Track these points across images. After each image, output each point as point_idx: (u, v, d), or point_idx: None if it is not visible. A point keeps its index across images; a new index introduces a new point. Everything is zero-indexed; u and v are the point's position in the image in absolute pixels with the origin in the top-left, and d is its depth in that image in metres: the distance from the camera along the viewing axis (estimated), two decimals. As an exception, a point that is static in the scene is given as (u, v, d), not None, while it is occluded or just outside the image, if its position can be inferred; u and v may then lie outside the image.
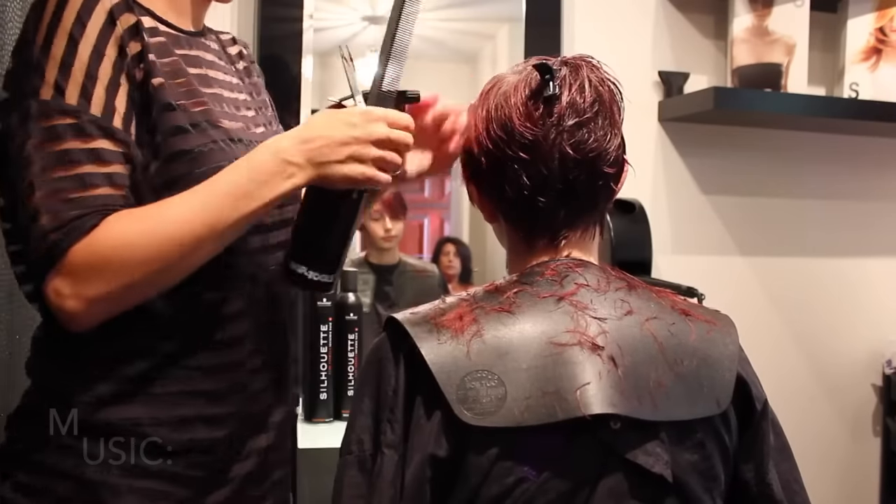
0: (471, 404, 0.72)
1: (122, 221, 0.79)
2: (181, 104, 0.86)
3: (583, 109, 0.81)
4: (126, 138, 0.81)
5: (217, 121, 0.90)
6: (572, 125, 0.80)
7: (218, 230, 0.80)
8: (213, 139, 0.87)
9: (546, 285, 0.79)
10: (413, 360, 0.76)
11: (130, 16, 0.84)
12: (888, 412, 2.11)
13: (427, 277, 1.96)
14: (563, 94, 0.81)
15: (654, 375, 0.75)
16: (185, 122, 0.85)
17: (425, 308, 0.81)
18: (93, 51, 0.80)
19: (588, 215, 0.85)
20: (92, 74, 0.79)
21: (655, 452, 0.73)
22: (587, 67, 0.84)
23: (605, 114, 0.82)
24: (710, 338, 0.80)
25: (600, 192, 0.84)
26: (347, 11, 1.86)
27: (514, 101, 0.82)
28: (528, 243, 0.85)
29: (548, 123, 0.80)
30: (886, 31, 1.99)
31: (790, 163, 2.08)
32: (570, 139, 0.80)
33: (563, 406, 0.71)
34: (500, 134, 0.82)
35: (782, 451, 0.85)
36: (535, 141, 0.80)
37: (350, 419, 0.81)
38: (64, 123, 0.78)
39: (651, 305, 0.80)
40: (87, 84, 0.79)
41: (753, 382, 0.83)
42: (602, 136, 0.81)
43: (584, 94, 0.81)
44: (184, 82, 0.88)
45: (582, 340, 0.74)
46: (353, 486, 0.77)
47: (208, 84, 0.94)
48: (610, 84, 0.84)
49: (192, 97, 0.88)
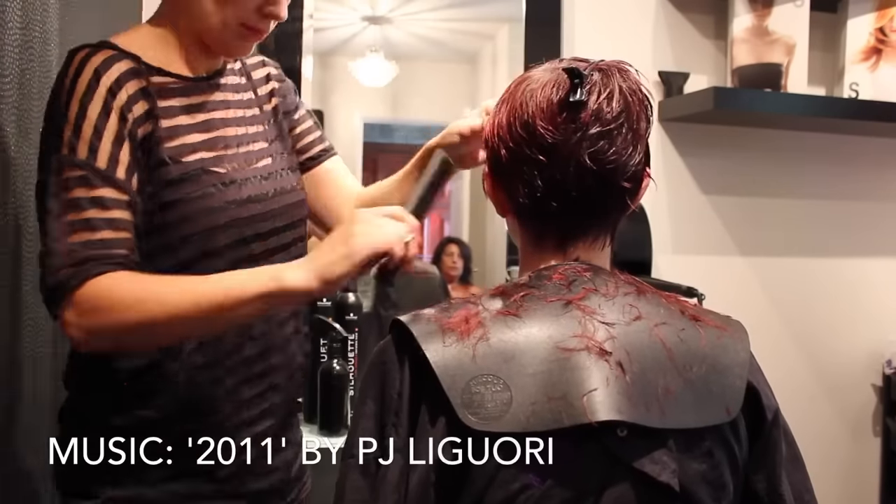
0: (476, 409, 0.71)
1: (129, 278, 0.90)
2: (178, 157, 0.97)
3: (608, 119, 0.78)
4: (127, 187, 0.92)
5: (212, 167, 0.99)
6: (594, 134, 0.78)
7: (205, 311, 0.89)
8: (205, 185, 0.98)
9: (554, 289, 0.78)
10: (418, 363, 0.75)
11: (137, 81, 0.95)
12: (888, 412, 2.11)
13: (428, 279, 1.96)
14: (590, 101, 0.78)
15: (662, 382, 0.73)
16: (176, 175, 0.96)
17: (431, 310, 0.79)
18: (100, 112, 0.92)
19: (599, 225, 0.83)
20: (98, 132, 0.91)
21: (662, 461, 0.72)
22: (620, 75, 0.80)
23: (630, 126, 0.79)
24: (720, 344, 0.78)
25: (614, 204, 0.82)
26: (347, 11, 1.86)
27: (539, 101, 0.79)
28: (537, 244, 0.84)
29: (570, 129, 0.78)
30: (886, 31, 1.99)
31: (790, 163, 2.08)
32: (589, 148, 0.77)
33: (569, 412, 0.70)
34: (521, 132, 0.80)
35: (794, 461, 0.83)
36: (554, 145, 0.78)
37: (353, 422, 0.80)
38: (74, 175, 0.90)
39: (660, 311, 0.78)
40: (94, 141, 0.91)
41: (764, 391, 0.81)
42: (623, 149, 0.78)
43: (612, 103, 0.78)
44: (184, 134, 0.98)
45: (589, 346, 0.73)
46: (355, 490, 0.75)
47: (213, 128, 1.02)
48: (641, 95, 0.81)
49: (191, 147, 0.99)
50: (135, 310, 0.88)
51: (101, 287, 0.88)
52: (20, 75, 1.06)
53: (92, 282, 0.87)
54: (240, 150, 1.04)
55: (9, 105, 1.04)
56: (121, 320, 0.88)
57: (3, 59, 1.01)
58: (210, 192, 0.98)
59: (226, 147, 1.02)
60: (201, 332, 0.96)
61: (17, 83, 1.05)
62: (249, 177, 1.03)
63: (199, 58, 1.03)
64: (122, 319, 0.88)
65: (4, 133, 1.03)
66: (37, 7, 1.10)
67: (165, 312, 0.88)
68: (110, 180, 0.91)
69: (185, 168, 0.97)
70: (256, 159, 1.06)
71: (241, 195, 1.00)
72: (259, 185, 1.03)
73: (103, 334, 0.89)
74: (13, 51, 1.04)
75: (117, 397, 0.98)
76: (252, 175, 1.03)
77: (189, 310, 0.88)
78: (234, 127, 1.05)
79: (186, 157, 0.97)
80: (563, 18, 1.90)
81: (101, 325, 0.88)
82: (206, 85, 1.04)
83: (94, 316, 0.88)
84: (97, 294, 0.88)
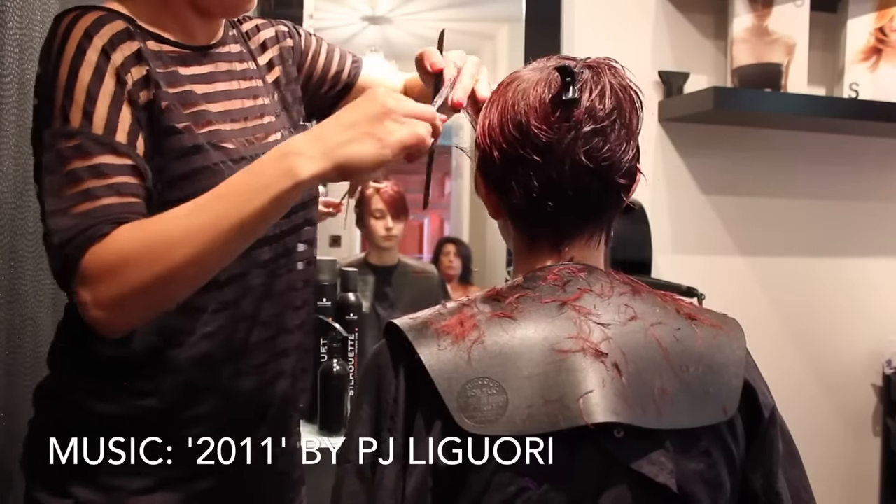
0: (472, 412, 0.70)
1: (130, 229, 0.80)
2: (185, 127, 0.89)
3: (601, 117, 0.78)
4: (129, 151, 0.84)
5: (221, 141, 0.92)
6: (588, 132, 0.77)
7: (223, 230, 0.78)
8: (215, 161, 0.90)
9: (548, 290, 0.77)
10: (413, 367, 0.74)
11: (132, 43, 0.87)
12: (888, 412, 2.11)
13: (426, 278, 1.96)
14: (583, 99, 0.78)
15: (658, 383, 0.73)
16: (188, 144, 0.88)
17: (425, 313, 0.79)
18: (93, 74, 0.83)
19: (595, 223, 0.82)
20: (92, 96, 0.83)
21: (660, 461, 0.72)
22: (610, 72, 0.81)
23: (623, 122, 0.79)
24: (716, 343, 0.78)
25: (609, 201, 0.82)
26: (347, 11, 1.86)
27: (531, 101, 0.79)
28: (531, 245, 0.83)
29: (564, 128, 0.77)
30: (886, 31, 1.99)
31: (790, 163, 2.08)
32: (584, 146, 0.77)
33: (565, 414, 0.70)
34: (515, 133, 0.79)
35: (791, 458, 0.83)
36: (548, 144, 0.78)
37: (349, 427, 0.79)
38: (68, 146, 0.82)
39: (656, 310, 0.78)
40: (88, 106, 0.83)
41: (761, 389, 0.81)
42: (617, 146, 0.78)
43: (605, 100, 0.78)
44: (189, 105, 0.91)
45: (585, 347, 0.73)
46: (351, 494, 0.75)
47: (217, 100, 0.96)
48: (632, 92, 0.81)
49: (197, 119, 0.91)
50: (149, 259, 0.78)
51: (106, 249, 0.78)
52: (20, 75, 1.06)
53: (95, 247, 0.78)
54: (248, 125, 0.98)
55: (9, 105, 1.04)
56: (137, 277, 0.78)
57: (3, 59, 1.01)
58: (220, 168, 0.90)
59: (233, 121, 0.96)
60: (225, 258, 0.83)
61: (17, 83, 1.05)
62: (259, 153, 0.91)
63: (196, 24, 0.96)
64: (138, 276, 0.78)
65: (4, 133, 1.03)
66: (37, 7, 1.10)
67: (182, 253, 0.78)
68: (109, 146, 0.82)
69: (194, 140, 0.89)
70: (266, 134, 1.00)
71: None
72: None
73: (125, 303, 0.79)
74: (13, 51, 1.04)
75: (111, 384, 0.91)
76: (262, 151, 0.91)
77: (207, 240, 0.78)
78: (241, 99, 0.99)
79: (195, 129, 0.90)
80: (563, 18, 1.90)
81: (118, 291, 0.78)
82: (207, 54, 0.98)
83: (108, 284, 0.78)
84: (104, 258, 0.78)
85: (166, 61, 0.91)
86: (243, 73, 1.02)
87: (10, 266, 1.06)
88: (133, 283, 0.78)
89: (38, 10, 1.11)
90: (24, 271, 1.10)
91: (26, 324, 1.11)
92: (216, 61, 0.99)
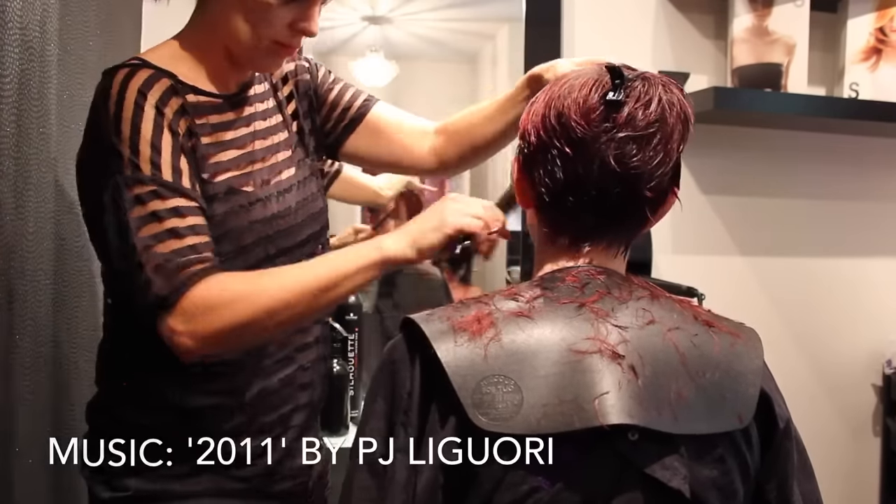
0: (486, 409, 0.70)
1: (229, 277, 0.92)
2: (209, 177, 0.98)
3: (641, 125, 0.77)
4: (194, 194, 0.94)
5: (238, 186, 1.01)
6: (623, 137, 0.77)
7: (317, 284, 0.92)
8: (233, 204, 0.99)
9: (567, 291, 0.77)
10: (429, 362, 0.74)
11: (177, 99, 0.96)
12: (888, 412, 2.11)
13: (429, 279, 1.96)
14: (628, 104, 0.77)
15: (674, 387, 0.73)
16: (209, 194, 0.98)
17: (442, 309, 0.79)
18: (154, 128, 0.92)
19: (615, 231, 0.82)
20: (157, 148, 0.92)
21: (673, 466, 0.71)
22: (663, 87, 0.80)
23: (663, 137, 0.78)
24: (733, 351, 0.78)
25: (633, 214, 0.81)
26: (347, 11, 1.86)
27: (577, 95, 0.79)
28: (552, 241, 0.83)
29: (601, 128, 0.77)
30: (886, 31, 1.99)
31: (790, 163, 2.08)
32: (616, 150, 0.77)
33: (580, 415, 0.70)
34: (554, 123, 0.79)
35: (805, 471, 0.83)
36: (582, 139, 0.77)
37: (361, 421, 0.79)
38: (145, 191, 0.91)
39: (674, 316, 0.78)
40: (155, 156, 0.92)
41: (776, 400, 0.81)
42: (650, 158, 0.78)
43: (649, 110, 0.77)
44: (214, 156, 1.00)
45: (602, 348, 0.73)
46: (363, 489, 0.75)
47: (243, 145, 1.04)
48: (681, 110, 0.80)
49: (218, 169, 1.00)
50: (247, 303, 0.90)
51: (210, 288, 0.89)
52: (20, 75, 1.06)
53: (199, 286, 0.89)
54: (266, 164, 1.06)
55: (9, 105, 1.04)
56: (234, 317, 0.89)
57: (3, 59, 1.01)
58: (237, 210, 0.99)
59: (252, 162, 1.04)
60: (310, 315, 0.97)
61: (17, 83, 1.05)
62: (273, 193, 1.04)
63: (228, 73, 1.03)
64: (235, 316, 0.89)
65: (4, 133, 1.03)
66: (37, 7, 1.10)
67: (276, 300, 0.90)
68: (179, 191, 0.92)
69: (216, 189, 0.98)
70: (280, 171, 1.07)
71: (266, 213, 1.02)
72: (283, 200, 1.05)
73: (216, 336, 0.90)
74: (13, 51, 1.04)
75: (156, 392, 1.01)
76: (276, 191, 1.05)
77: (298, 294, 0.91)
78: (261, 139, 1.06)
79: (218, 177, 0.99)
80: (563, 18, 1.90)
81: (215, 326, 0.89)
82: (236, 101, 1.05)
83: (207, 318, 0.89)
84: (208, 296, 0.89)
85: (201, 112, 0.99)
86: (265, 112, 1.09)
87: (10, 266, 1.06)
88: (231, 322, 0.89)
89: (38, 10, 1.10)
90: (24, 271, 1.10)
91: (26, 324, 1.11)
92: (243, 105, 1.06)
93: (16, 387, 1.08)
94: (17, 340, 1.09)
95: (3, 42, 1.01)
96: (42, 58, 1.12)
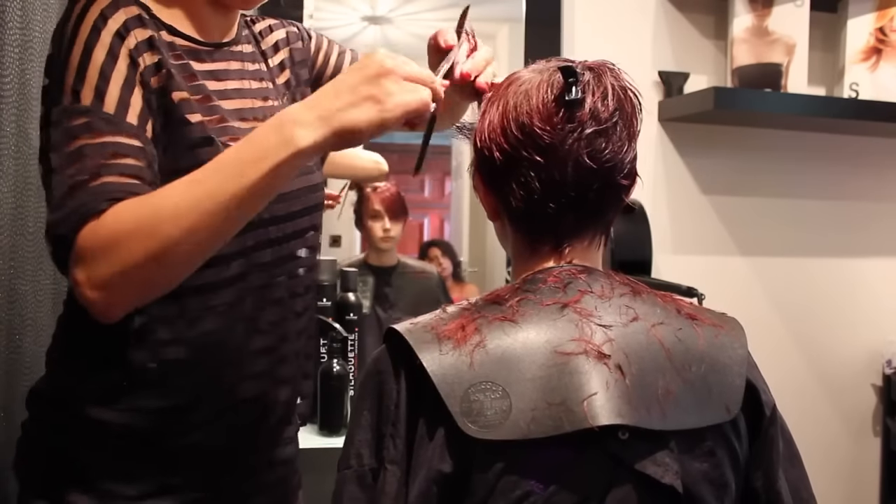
0: (475, 417, 0.70)
1: (126, 205, 0.77)
2: (197, 119, 0.88)
3: (604, 118, 0.78)
4: (139, 133, 0.82)
5: (232, 138, 0.89)
6: (591, 133, 0.78)
7: (220, 204, 0.76)
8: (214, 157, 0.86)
9: (549, 293, 0.77)
10: (414, 372, 0.73)
11: (144, 30, 0.86)
12: (888, 412, 2.11)
13: (426, 279, 1.96)
14: (586, 100, 0.78)
15: (661, 383, 0.73)
16: (198, 137, 0.87)
17: (426, 318, 0.78)
18: (107, 55, 0.82)
19: (595, 224, 0.82)
20: (105, 76, 0.82)
21: (665, 462, 0.72)
22: (610, 74, 0.81)
23: (624, 124, 0.79)
24: (717, 342, 0.78)
25: (610, 202, 0.82)
26: (347, 11, 1.86)
27: (534, 102, 0.79)
28: (531, 247, 0.83)
29: (567, 129, 0.77)
30: (886, 31, 1.99)
31: (790, 163, 2.08)
32: (587, 147, 0.77)
33: (570, 418, 0.70)
34: (517, 134, 0.79)
35: (791, 458, 0.83)
36: (552, 145, 0.78)
37: (349, 433, 0.78)
38: (78, 124, 0.80)
39: (657, 311, 0.78)
40: (100, 85, 0.81)
41: (762, 388, 0.81)
42: (619, 147, 0.79)
43: (607, 101, 0.79)
44: (202, 98, 0.90)
45: (588, 349, 0.72)
46: (352, 500, 0.75)
47: (228, 97, 0.95)
48: (632, 93, 0.81)
49: (209, 113, 0.90)
50: (143, 235, 0.75)
51: (101, 226, 0.76)
52: (20, 75, 1.06)
53: (90, 225, 0.76)
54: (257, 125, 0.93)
55: (9, 105, 1.04)
56: (132, 254, 0.75)
57: (3, 59, 1.01)
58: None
59: (243, 119, 0.95)
60: (223, 234, 0.80)
61: (17, 83, 1.05)
62: None
63: (211, 18, 0.96)
64: (133, 253, 0.75)
65: (4, 133, 1.03)
66: (37, 7, 1.10)
67: (178, 227, 0.75)
68: (118, 125, 0.80)
69: (205, 132, 0.87)
70: None
71: None
72: None
73: (120, 281, 0.76)
74: (13, 51, 1.04)
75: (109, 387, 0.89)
76: None
77: (203, 214, 0.75)
78: (251, 99, 0.98)
79: (207, 123, 0.88)
80: (563, 19, 1.90)
81: (113, 269, 0.75)
82: (220, 51, 0.97)
83: (102, 262, 0.75)
84: (98, 235, 0.75)
85: (179, 53, 0.90)
86: (255, 73, 1.01)
87: (10, 266, 1.06)
88: (128, 260, 0.75)
89: (38, 10, 1.11)
90: (24, 271, 1.10)
91: (26, 324, 1.11)
92: (229, 59, 0.98)
93: (16, 387, 1.08)
94: (18, 340, 1.09)
95: (3, 42, 1.01)
96: (42, 58, 1.12)
